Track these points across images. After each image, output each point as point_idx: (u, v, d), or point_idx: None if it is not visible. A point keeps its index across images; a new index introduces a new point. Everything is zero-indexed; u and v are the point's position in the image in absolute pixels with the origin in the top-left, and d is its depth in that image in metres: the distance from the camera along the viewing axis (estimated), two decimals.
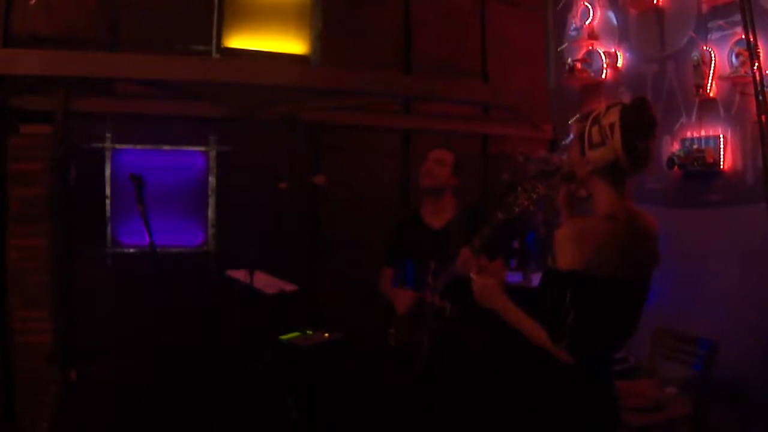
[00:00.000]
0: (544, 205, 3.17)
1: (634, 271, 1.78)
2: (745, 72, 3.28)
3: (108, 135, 4.07)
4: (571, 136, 1.97)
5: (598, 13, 4.52)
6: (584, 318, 1.73)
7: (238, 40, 4.47)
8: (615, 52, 4.37)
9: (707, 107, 3.65)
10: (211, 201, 4.31)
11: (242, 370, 3.56)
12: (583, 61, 4.53)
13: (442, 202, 3.04)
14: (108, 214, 4.04)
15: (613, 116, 1.78)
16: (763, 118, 2.94)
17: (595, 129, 1.81)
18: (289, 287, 3.69)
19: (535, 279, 4.01)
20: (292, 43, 4.64)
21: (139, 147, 4.14)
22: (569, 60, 4.63)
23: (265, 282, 3.60)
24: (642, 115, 1.78)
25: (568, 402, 1.85)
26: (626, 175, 1.83)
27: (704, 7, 3.64)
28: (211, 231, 4.31)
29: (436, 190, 3.03)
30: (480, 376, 2.87)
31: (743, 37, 3.25)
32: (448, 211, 3.02)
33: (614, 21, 4.42)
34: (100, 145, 4.06)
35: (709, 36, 3.60)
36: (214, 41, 4.37)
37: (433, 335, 2.85)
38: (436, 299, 2.83)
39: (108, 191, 4.04)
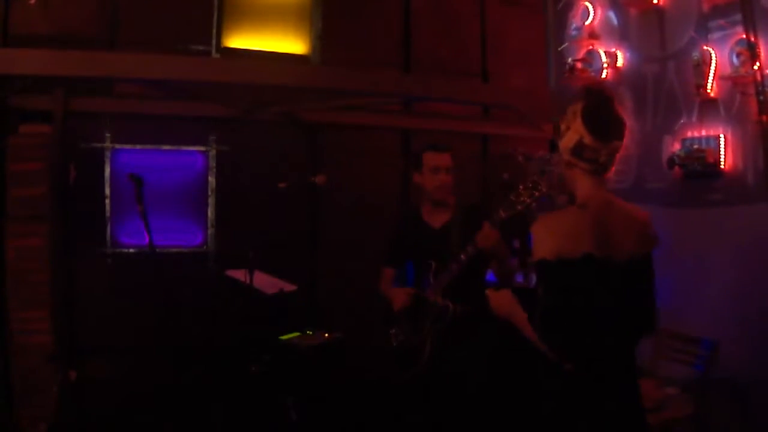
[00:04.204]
0: (546, 203, 3.17)
1: (609, 251, 1.81)
2: (746, 72, 3.27)
3: (108, 135, 4.07)
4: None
5: (599, 12, 4.51)
6: (554, 304, 1.77)
7: (238, 40, 4.47)
8: (615, 51, 4.36)
9: (708, 107, 3.64)
10: (211, 201, 4.31)
11: (242, 370, 3.55)
12: (583, 60, 4.52)
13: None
14: (108, 214, 4.04)
15: (577, 106, 1.90)
16: (764, 118, 2.94)
17: (562, 121, 1.95)
18: (289, 287, 3.69)
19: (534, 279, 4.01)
20: (292, 43, 4.64)
21: (138, 147, 4.14)
22: (569, 60, 4.62)
23: (265, 282, 3.59)
24: (600, 98, 1.90)
25: (564, 403, 1.83)
26: (596, 158, 1.87)
27: (705, 7, 3.62)
28: (210, 231, 4.30)
29: (449, 200, 3.03)
30: (483, 377, 2.85)
31: (744, 36, 3.25)
32: (448, 210, 3.01)
33: (614, 21, 4.42)
34: (100, 145, 4.06)
35: (709, 36, 3.59)
36: (214, 41, 4.37)
37: (435, 335, 2.84)
38: (438, 299, 2.82)
39: (108, 191, 4.04)
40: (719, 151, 3.53)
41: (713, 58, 3.54)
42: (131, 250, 4.05)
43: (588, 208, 1.86)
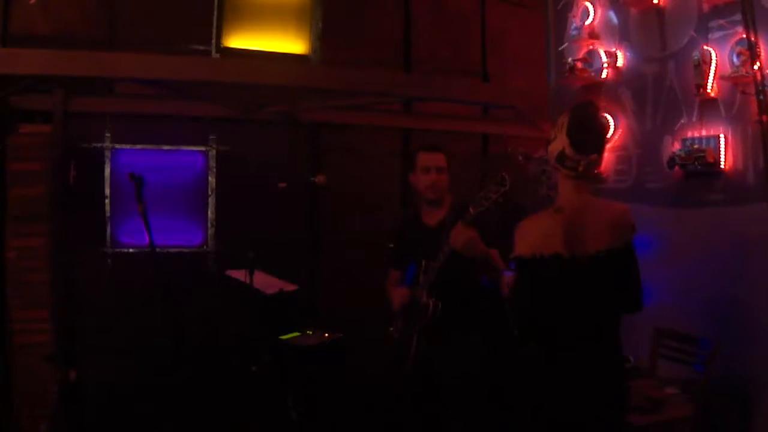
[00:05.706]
0: (545, 204, 3.17)
1: (577, 250, 2.08)
2: (746, 71, 3.27)
3: (108, 135, 4.07)
4: None
5: (599, 12, 4.51)
6: (526, 293, 2.13)
7: (238, 40, 4.47)
8: (615, 51, 4.36)
9: (708, 107, 3.64)
10: (211, 201, 4.31)
11: (242, 370, 3.56)
12: (583, 60, 4.52)
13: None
14: (108, 214, 4.04)
15: (565, 118, 2.15)
16: (764, 117, 2.94)
17: (553, 128, 2.20)
18: (289, 287, 3.69)
19: None
20: (292, 43, 4.64)
21: (138, 147, 4.14)
22: (569, 59, 4.61)
23: (265, 282, 3.60)
24: (583, 116, 2.14)
25: (532, 384, 2.15)
26: (576, 167, 2.12)
27: (705, 7, 3.62)
28: (211, 231, 4.31)
29: (442, 199, 3.03)
30: (468, 373, 2.84)
31: (744, 36, 3.25)
32: (443, 209, 3.02)
33: (615, 20, 4.41)
34: (100, 145, 4.06)
35: (709, 35, 3.59)
36: (214, 41, 4.37)
37: (420, 332, 2.85)
38: (423, 296, 2.83)
39: (108, 191, 4.05)
40: (719, 150, 3.52)
41: (713, 57, 3.54)
42: (131, 250, 4.06)
43: (563, 212, 2.12)
